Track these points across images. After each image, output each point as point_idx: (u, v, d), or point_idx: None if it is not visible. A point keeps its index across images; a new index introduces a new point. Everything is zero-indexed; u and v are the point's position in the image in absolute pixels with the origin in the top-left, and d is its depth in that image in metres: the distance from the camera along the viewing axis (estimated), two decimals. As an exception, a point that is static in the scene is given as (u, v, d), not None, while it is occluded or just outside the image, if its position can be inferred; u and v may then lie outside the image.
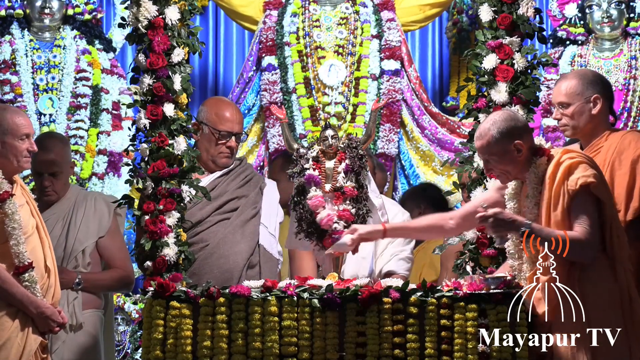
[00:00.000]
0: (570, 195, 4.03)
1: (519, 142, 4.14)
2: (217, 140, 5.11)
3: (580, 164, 4.07)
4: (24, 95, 6.81)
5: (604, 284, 4.02)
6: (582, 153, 4.19)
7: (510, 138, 4.13)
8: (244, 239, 5.05)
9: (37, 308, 4.45)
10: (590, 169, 4.06)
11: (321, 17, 7.00)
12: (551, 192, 4.06)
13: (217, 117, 5.14)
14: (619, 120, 6.89)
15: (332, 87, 6.87)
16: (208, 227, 5.04)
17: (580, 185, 4.01)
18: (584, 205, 4.02)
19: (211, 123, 5.13)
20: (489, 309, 4.16)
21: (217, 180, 5.12)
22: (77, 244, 5.25)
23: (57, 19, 7.00)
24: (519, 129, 4.17)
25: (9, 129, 4.52)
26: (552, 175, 4.08)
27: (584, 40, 7.15)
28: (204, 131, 5.13)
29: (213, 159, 5.14)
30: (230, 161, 5.17)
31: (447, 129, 6.97)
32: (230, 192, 5.13)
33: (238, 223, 5.07)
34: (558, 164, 4.10)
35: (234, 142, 5.15)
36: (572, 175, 4.04)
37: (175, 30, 4.78)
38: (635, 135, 4.49)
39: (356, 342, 4.21)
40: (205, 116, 5.17)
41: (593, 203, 4.03)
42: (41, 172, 5.25)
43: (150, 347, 4.28)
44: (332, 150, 4.52)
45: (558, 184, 4.05)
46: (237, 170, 5.20)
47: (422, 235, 4.75)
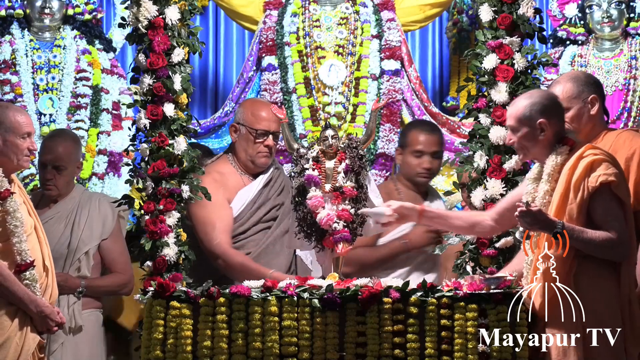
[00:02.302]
0: (590, 192, 4.02)
1: (544, 121, 4.12)
2: (255, 139, 5.20)
3: (603, 162, 4.05)
4: (24, 95, 6.80)
5: (605, 284, 4.01)
6: (605, 151, 4.17)
7: (538, 114, 4.12)
8: (283, 249, 5.12)
9: (37, 307, 4.46)
10: (612, 167, 4.05)
11: (321, 17, 6.99)
12: (569, 185, 4.04)
13: (253, 117, 5.23)
14: (619, 120, 6.89)
15: (332, 87, 6.86)
16: (251, 236, 5.11)
17: (600, 183, 4.01)
18: (607, 205, 4.01)
19: (248, 123, 5.21)
20: (489, 309, 4.16)
21: (261, 190, 5.16)
22: (81, 244, 5.26)
23: (57, 19, 7.00)
24: (550, 111, 4.15)
25: (11, 126, 4.53)
26: (572, 167, 4.07)
27: (584, 40, 7.15)
28: (241, 132, 5.22)
29: (252, 159, 5.21)
30: (269, 160, 5.25)
31: (447, 129, 6.96)
32: (271, 201, 5.22)
33: (278, 233, 5.14)
34: (580, 157, 4.08)
35: (272, 141, 5.22)
36: (593, 172, 4.03)
37: (175, 30, 4.78)
38: (630, 134, 4.50)
39: (356, 342, 4.21)
40: (241, 117, 5.25)
41: (615, 201, 4.02)
42: (46, 165, 5.29)
43: (151, 347, 4.28)
44: (332, 150, 4.53)
45: (578, 178, 4.04)
46: (274, 176, 5.24)
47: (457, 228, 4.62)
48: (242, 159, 5.22)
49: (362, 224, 4.49)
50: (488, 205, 4.68)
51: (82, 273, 5.26)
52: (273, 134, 5.21)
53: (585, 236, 3.98)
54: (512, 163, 4.71)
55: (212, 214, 5.00)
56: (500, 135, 4.71)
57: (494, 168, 4.72)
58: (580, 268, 4.02)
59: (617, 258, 4.02)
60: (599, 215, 4.02)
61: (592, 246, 3.98)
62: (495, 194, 4.68)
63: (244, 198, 5.20)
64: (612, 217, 4.00)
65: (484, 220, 4.42)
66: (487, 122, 4.76)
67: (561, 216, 4.03)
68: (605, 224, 4.00)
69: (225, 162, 5.28)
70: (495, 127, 4.73)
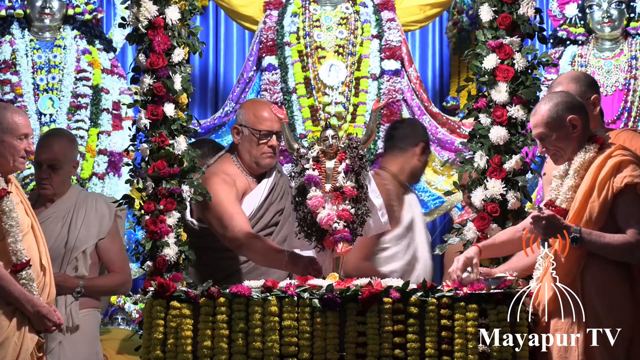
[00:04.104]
0: (614, 193, 4.01)
1: (574, 116, 4.12)
2: (259, 140, 5.17)
3: (630, 163, 4.04)
4: (24, 95, 6.80)
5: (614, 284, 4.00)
6: (634, 152, 4.15)
7: (566, 112, 4.12)
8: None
9: (34, 307, 4.45)
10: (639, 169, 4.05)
11: (321, 17, 6.99)
12: (595, 182, 4.03)
13: (255, 118, 5.21)
14: (619, 120, 6.89)
15: (332, 87, 6.87)
16: None
17: (625, 184, 3.99)
18: (630, 207, 4.00)
19: (250, 124, 5.19)
20: (489, 309, 4.16)
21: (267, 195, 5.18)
22: (78, 244, 5.25)
23: (57, 19, 7.00)
24: (575, 106, 4.15)
25: (9, 127, 4.52)
26: (600, 166, 4.06)
27: (584, 40, 7.15)
28: (244, 134, 5.20)
29: (256, 160, 5.19)
30: (273, 161, 5.24)
31: (447, 129, 6.96)
32: (275, 205, 5.20)
33: (280, 238, 5.11)
34: (608, 156, 4.07)
35: (275, 141, 5.20)
36: (620, 173, 4.02)
37: (175, 30, 4.78)
38: (629, 133, 4.50)
39: (356, 342, 4.21)
40: (243, 118, 5.23)
41: (638, 203, 4.00)
42: (41, 164, 5.28)
43: (151, 347, 4.28)
44: (332, 150, 4.52)
45: (605, 176, 4.03)
46: (277, 181, 5.23)
47: (507, 251, 4.48)
48: (247, 161, 5.21)
49: (362, 224, 4.49)
50: (488, 205, 4.67)
51: (80, 272, 5.25)
52: (276, 134, 5.20)
53: (604, 241, 3.96)
54: (512, 163, 4.70)
55: (228, 208, 4.98)
56: (500, 135, 4.71)
57: (494, 168, 4.71)
58: (589, 268, 4.01)
59: (637, 262, 4.00)
60: (621, 216, 4.00)
61: (610, 250, 3.97)
62: (496, 194, 4.68)
63: (252, 203, 5.19)
64: (634, 219, 3.99)
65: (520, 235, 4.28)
66: (487, 122, 4.76)
67: (582, 213, 4.02)
68: (627, 226, 3.98)
69: (230, 162, 5.26)
70: (495, 127, 4.72)
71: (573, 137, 4.13)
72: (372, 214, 4.55)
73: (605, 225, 4.01)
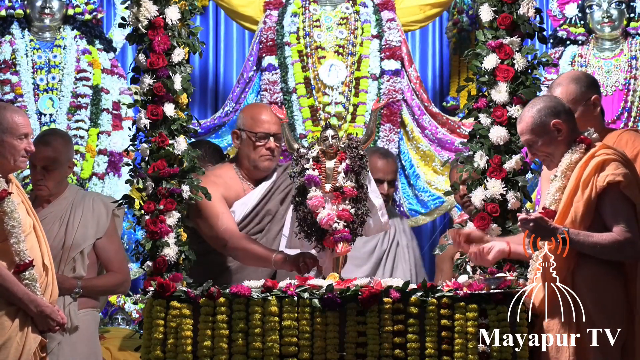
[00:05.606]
0: (598, 192, 4.01)
1: (558, 121, 4.12)
2: (255, 142, 5.13)
3: (613, 162, 4.05)
4: (24, 95, 6.81)
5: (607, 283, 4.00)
6: (618, 151, 4.16)
7: (549, 117, 4.13)
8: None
9: (37, 307, 4.46)
10: (622, 167, 4.04)
11: (321, 17, 7.00)
12: (579, 181, 4.05)
13: (252, 120, 5.17)
14: (619, 120, 6.90)
15: (332, 87, 6.87)
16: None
17: (607, 183, 4.00)
18: (616, 204, 4.00)
19: (247, 127, 5.16)
20: (489, 309, 4.17)
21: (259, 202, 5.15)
22: (75, 243, 5.25)
23: (57, 19, 7.00)
24: (559, 110, 4.15)
25: (9, 127, 4.52)
26: (584, 165, 4.07)
27: (584, 40, 7.15)
28: (243, 137, 5.17)
29: (255, 164, 5.15)
30: (272, 164, 5.18)
31: (447, 129, 6.96)
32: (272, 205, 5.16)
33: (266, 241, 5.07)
34: (592, 156, 4.08)
35: (273, 143, 5.15)
36: (602, 172, 4.03)
37: (175, 30, 4.78)
38: (631, 134, 4.50)
39: (356, 342, 4.21)
40: (241, 122, 5.20)
41: (623, 201, 4.01)
42: (36, 165, 5.26)
43: (151, 347, 4.29)
44: (332, 150, 4.53)
45: (588, 176, 4.03)
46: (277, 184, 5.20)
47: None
48: (246, 166, 5.17)
49: (362, 224, 4.49)
50: (488, 205, 4.67)
51: (78, 272, 5.24)
52: (274, 136, 5.17)
53: (592, 240, 3.97)
54: (512, 163, 4.70)
55: (213, 208, 4.96)
56: (500, 135, 4.70)
57: (494, 168, 4.71)
58: (580, 267, 4.01)
59: (628, 259, 4.01)
60: (608, 215, 4.01)
61: (599, 249, 3.97)
62: (495, 194, 4.68)
63: (243, 207, 5.15)
64: (621, 217, 3.99)
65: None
66: (487, 122, 4.76)
67: (568, 213, 4.03)
68: (613, 225, 3.99)
69: (228, 168, 5.24)
70: (495, 127, 4.72)
71: (559, 141, 4.14)
72: (372, 214, 4.55)
73: (592, 224, 4.01)
